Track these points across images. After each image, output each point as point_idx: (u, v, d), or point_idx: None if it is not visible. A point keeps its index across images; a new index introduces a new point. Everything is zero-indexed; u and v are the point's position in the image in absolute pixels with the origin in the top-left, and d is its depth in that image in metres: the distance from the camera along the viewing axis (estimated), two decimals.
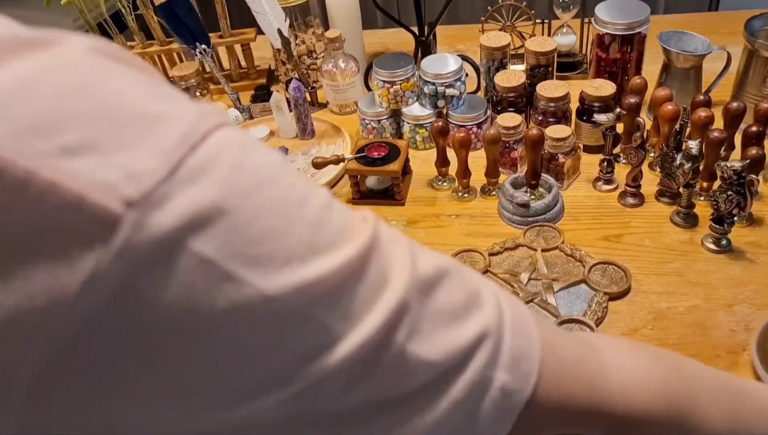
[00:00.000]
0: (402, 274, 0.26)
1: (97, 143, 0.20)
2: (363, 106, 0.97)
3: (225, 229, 0.21)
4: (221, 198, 0.22)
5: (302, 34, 1.10)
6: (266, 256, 0.22)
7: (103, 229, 0.19)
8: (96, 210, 0.19)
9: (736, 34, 0.89)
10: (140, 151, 0.21)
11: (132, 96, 0.22)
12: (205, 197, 0.21)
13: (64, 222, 0.19)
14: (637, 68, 0.95)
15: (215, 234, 0.21)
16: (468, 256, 0.76)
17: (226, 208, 0.22)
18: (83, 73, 0.22)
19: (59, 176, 0.19)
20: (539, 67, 0.93)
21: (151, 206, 0.20)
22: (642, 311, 0.68)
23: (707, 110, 0.76)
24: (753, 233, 0.75)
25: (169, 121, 0.22)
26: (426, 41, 1.05)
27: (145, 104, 0.22)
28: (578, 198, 0.84)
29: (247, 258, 0.22)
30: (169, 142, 0.21)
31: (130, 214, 0.20)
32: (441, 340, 0.26)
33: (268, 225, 0.23)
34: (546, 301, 0.70)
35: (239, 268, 0.22)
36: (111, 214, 0.19)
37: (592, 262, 0.73)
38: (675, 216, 0.78)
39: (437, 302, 0.27)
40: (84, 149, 0.20)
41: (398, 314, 0.25)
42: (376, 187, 0.89)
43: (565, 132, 0.82)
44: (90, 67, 0.22)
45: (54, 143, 0.19)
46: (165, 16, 1.03)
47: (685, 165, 0.73)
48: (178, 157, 0.21)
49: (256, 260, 0.22)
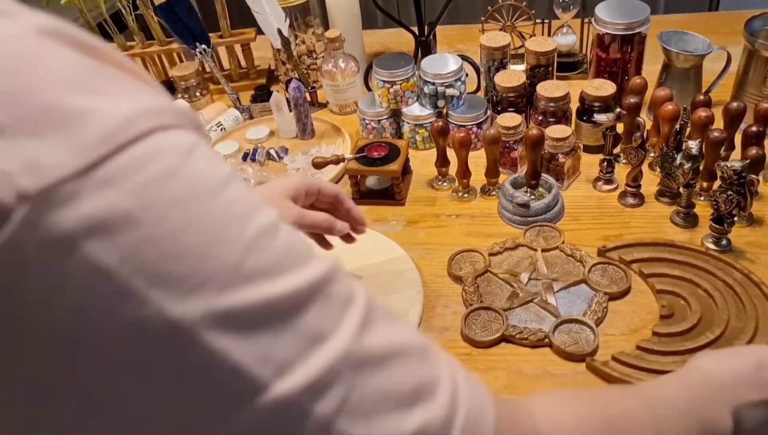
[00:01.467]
0: (343, 338, 0.23)
1: (6, 128, 0.19)
2: (363, 106, 0.97)
3: (133, 241, 0.19)
4: (138, 207, 0.20)
5: (302, 34, 1.10)
6: (178, 275, 0.20)
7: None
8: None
9: (736, 34, 0.89)
10: (51, 142, 0.19)
11: (62, 84, 0.20)
12: (118, 204, 0.19)
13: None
14: (637, 68, 0.95)
15: (120, 244, 0.19)
16: (468, 256, 0.76)
17: (140, 218, 0.20)
18: (17, 52, 0.20)
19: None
20: (539, 67, 0.93)
21: (50, 203, 0.18)
22: (642, 311, 0.68)
23: (707, 110, 0.76)
24: (753, 233, 0.75)
25: (98, 116, 0.20)
26: (426, 41, 1.05)
27: (75, 94, 0.20)
28: (578, 198, 0.84)
29: (154, 275, 0.20)
30: (90, 138, 0.20)
31: (21, 208, 0.18)
32: (378, 425, 0.24)
33: (189, 243, 0.20)
34: (546, 301, 0.70)
35: (142, 284, 0.20)
36: (2, 205, 0.18)
37: (592, 262, 0.73)
38: (675, 216, 0.78)
39: (378, 383, 0.24)
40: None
41: (330, 378, 0.22)
42: (376, 187, 0.89)
43: (565, 132, 0.82)
44: (28, 47, 0.21)
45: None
46: (165, 16, 1.03)
47: (685, 165, 0.73)
48: (97, 156, 0.19)
49: (164, 279, 0.20)
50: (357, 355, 0.24)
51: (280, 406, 0.22)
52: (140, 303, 0.20)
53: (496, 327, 0.67)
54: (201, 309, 0.20)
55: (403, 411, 0.25)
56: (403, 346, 0.26)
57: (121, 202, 0.19)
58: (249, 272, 0.21)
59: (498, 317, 0.68)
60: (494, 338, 0.66)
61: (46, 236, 0.18)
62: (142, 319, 0.20)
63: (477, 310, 0.69)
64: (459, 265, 0.75)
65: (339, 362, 0.23)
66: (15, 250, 0.18)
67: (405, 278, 0.74)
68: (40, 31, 0.21)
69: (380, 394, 0.24)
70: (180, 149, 0.21)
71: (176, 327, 0.20)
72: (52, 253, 0.19)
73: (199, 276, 0.20)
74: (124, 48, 1.13)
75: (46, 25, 0.22)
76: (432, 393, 0.26)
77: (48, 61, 0.21)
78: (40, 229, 0.18)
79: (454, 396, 0.27)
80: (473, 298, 0.71)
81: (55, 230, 0.19)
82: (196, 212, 0.21)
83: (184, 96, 1.08)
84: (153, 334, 0.20)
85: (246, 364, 0.21)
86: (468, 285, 0.72)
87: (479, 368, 0.64)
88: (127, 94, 0.22)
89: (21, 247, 0.18)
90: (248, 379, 0.21)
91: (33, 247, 0.18)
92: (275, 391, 0.21)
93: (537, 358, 0.65)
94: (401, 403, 0.25)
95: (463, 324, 0.68)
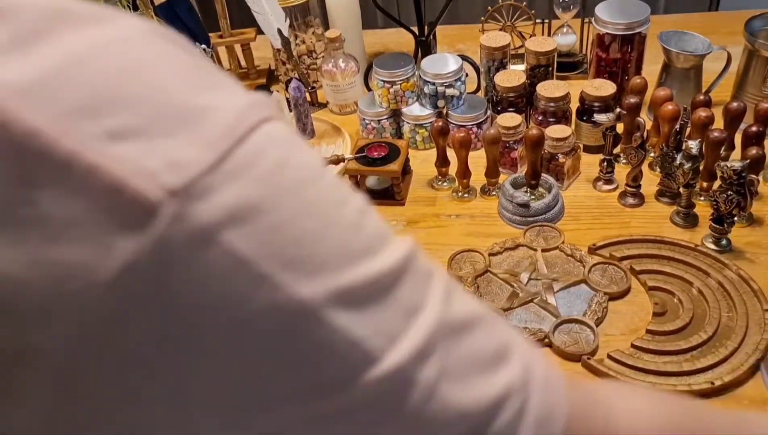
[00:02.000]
0: (434, 308, 0.25)
1: (142, 129, 0.20)
2: (363, 106, 0.97)
3: (264, 229, 0.21)
4: (263, 196, 0.21)
5: (302, 33, 1.10)
6: (302, 258, 0.21)
7: (141, 216, 0.19)
8: (136, 196, 0.19)
9: (736, 34, 0.89)
10: (184, 140, 0.20)
11: (181, 82, 0.22)
12: (247, 193, 0.20)
13: (103, 207, 0.19)
14: (637, 68, 0.95)
15: (253, 233, 0.20)
16: (468, 256, 0.76)
17: (266, 206, 0.21)
18: (135, 55, 0.21)
19: (102, 160, 0.19)
20: (539, 67, 0.93)
21: (192, 197, 0.19)
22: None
23: (707, 110, 0.76)
24: (753, 233, 0.75)
25: (216, 111, 0.21)
26: (426, 41, 1.05)
27: (194, 92, 0.21)
28: (578, 198, 0.84)
29: (283, 260, 0.21)
30: (214, 133, 0.21)
31: (169, 203, 0.19)
32: (471, 388, 0.25)
33: (307, 227, 0.22)
34: (546, 301, 0.70)
35: (275, 270, 0.21)
36: (150, 201, 0.19)
37: (592, 262, 0.73)
38: (675, 216, 0.78)
39: (467, 348, 0.26)
40: (129, 134, 0.19)
41: (430, 346, 0.24)
42: (376, 187, 0.89)
43: (565, 132, 0.82)
44: (142, 49, 0.22)
45: (100, 126, 0.19)
46: (165, 16, 1.03)
47: (685, 165, 0.73)
48: (223, 150, 0.20)
49: (291, 263, 0.21)
50: (447, 323, 0.25)
51: (392, 376, 0.23)
52: (273, 288, 0.21)
53: None
54: (324, 288, 0.21)
55: (489, 372, 0.26)
56: (479, 313, 0.27)
57: (248, 193, 0.20)
58: (357, 251, 0.23)
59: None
60: None
61: (191, 230, 0.19)
62: (274, 302, 0.21)
63: None
64: (459, 265, 0.75)
65: (435, 330, 0.24)
66: (165, 245, 0.19)
67: None
68: (146, 33, 0.22)
69: (470, 358, 0.26)
70: (281, 138, 0.23)
71: (305, 308, 0.21)
72: (196, 246, 0.19)
73: (319, 257, 0.22)
74: None
75: (147, 27, 0.22)
76: (509, 354, 0.27)
77: (165, 61, 0.22)
78: (185, 223, 0.19)
79: (527, 357, 0.28)
80: None
81: (198, 223, 0.19)
82: (308, 197, 0.22)
83: None
84: (283, 316, 0.21)
85: (362, 338, 0.22)
86: (468, 285, 0.72)
87: None
88: (230, 89, 0.23)
89: (170, 242, 0.19)
90: (365, 351, 0.22)
91: (180, 242, 0.19)
92: (387, 361, 0.23)
93: None
94: (487, 365, 0.26)
95: None
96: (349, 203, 0.24)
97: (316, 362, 0.22)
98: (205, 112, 0.21)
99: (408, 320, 0.24)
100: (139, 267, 0.19)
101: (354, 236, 0.23)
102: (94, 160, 0.19)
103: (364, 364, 0.22)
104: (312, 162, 0.23)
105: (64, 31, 0.20)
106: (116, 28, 0.21)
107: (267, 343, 0.21)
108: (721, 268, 0.70)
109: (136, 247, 0.19)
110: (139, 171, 0.19)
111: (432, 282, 0.26)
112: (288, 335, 0.21)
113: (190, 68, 0.22)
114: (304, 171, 0.23)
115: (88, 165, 0.19)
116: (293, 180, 0.22)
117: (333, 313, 0.22)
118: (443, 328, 0.25)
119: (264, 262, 0.20)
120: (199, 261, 0.20)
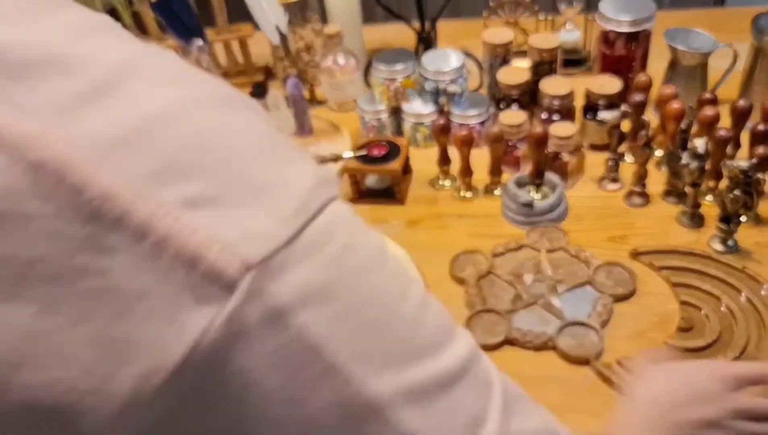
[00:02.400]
0: (494, 424, 0.23)
1: (217, 197, 0.18)
2: (363, 104, 0.95)
3: (335, 314, 0.19)
4: (333, 279, 0.20)
5: (301, 29, 1.08)
6: (372, 351, 0.20)
7: (219, 291, 0.17)
8: (213, 269, 0.17)
9: (742, 31, 0.88)
10: (257, 213, 0.19)
11: (255, 154, 0.20)
12: (318, 275, 0.19)
13: (178, 279, 0.17)
14: (642, 65, 0.94)
15: (325, 317, 0.19)
16: (470, 257, 0.75)
17: (336, 291, 0.20)
18: (211, 121, 0.20)
19: (178, 228, 0.17)
20: (543, 63, 0.91)
21: (269, 273, 0.18)
22: (647, 313, 0.67)
23: (713, 108, 0.75)
24: (760, 233, 0.74)
25: (290, 186, 0.20)
26: (427, 37, 1.04)
27: (268, 163, 0.20)
28: (583, 198, 0.82)
29: (355, 351, 0.20)
30: (287, 208, 0.19)
31: (247, 277, 0.18)
32: None
33: (374, 316, 0.21)
34: (550, 303, 0.69)
35: (346, 360, 0.19)
36: (229, 275, 0.17)
37: (597, 263, 0.72)
38: (681, 216, 0.77)
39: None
40: (205, 202, 0.18)
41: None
42: (376, 186, 0.88)
43: (570, 130, 0.81)
44: (217, 114, 0.20)
45: (176, 192, 0.18)
46: (160, 11, 1.01)
47: (691, 164, 0.72)
48: (298, 226, 0.19)
49: (363, 355, 0.20)
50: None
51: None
52: (344, 380, 0.19)
53: (499, 330, 0.66)
54: (393, 385, 0.20)
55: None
56: (536, 429, 0.26)
57: (319, 274, 0.19)
58: (420, 347, 0.22)
59: (501, 320, 0.67)
60: (498, 341, 0.65)
61: (267, 307, 0.18)
62: (343, 397, 0.19)
63: (480, 313, 0.68)
64: (461, 267, 0.74)
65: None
66: (238, 322, 0.18)
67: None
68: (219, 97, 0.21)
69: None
70: (347, 218, 0.22)
71: (372, 405, 0.20)
72: (271, 326, 0.18)
73: (387, 350, 0.20)
74: None
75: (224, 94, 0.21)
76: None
77: (239, 130, 0.21)
78: (261, 299, 0.18)
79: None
80: (476, 301, 0.69)
81: (273, 301, 0.18)
82: (373, 285, 0.21)
83: None
84: (351, 412, 0.20)
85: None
86: (471, 287, 0.71)
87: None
88: (302, 163, 0.22)
89: (244, 318, 0.18)
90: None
91: (255, 319, 0.18)
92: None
93: (542, 362, 0.64)
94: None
95: (466, 327, 0.66)
96: (410, 294, 0.23)
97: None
98: (279, 185, 0.20)
99: (470, 431, 0.22)
100: (209, 344, 0.17)
101: (416, 331, 0.22)
102: (170, 228, 0.17)
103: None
104: (375, 246, 0.22)
105: (135, 85, 0.19)
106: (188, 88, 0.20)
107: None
108: (758, 290, 0.67)
109: (209, 323, 0.17)
110: (216, 242, 0.18)
111: (492, 392, 0.24)
112: (352, 430, 0.20)
113: (264, 138, 0.21)
114: (369, 256, 0.22)
115: (164, 234, 0.17)
116: (359, 265, 0.21)
117: (399, 412, 0.20)
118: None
119: (336, 351, 0.19)
120: (271, 342, 0.18)
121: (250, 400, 0.18)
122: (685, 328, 0.65)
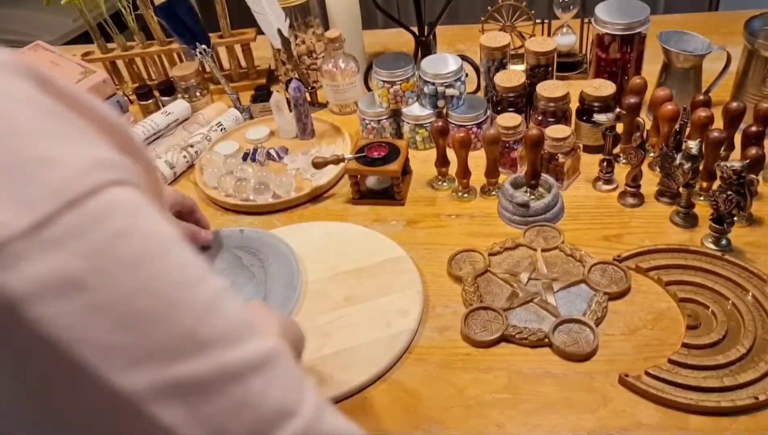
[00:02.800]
0: (305, 416, 0.22)
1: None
2: (363, 106, 0.97)
3: (84, 308, 0.18)
4: (89, 269, 0.18)
5: (302, 34, 1.10)
6: (131, 344, 0.19)
7: None
8: None
9: (736, 34, 0.89)
10: (3, 195, 0.17)
11: (29, 126, 0.18)
12: (68, 266, 0.18)
13: None
14: (636, 68, 0.95)
15: (69, 311, 0.18)
16: (468, 256, 0.76)
17: (92, 282, 0.18)
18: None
19: None
20: (539, 67, 0.93)
21: (1, 263, 0.17)
22: (642, 311, 0.68)
23: (707, 110, 0.76)
24: (753, 233, 0.75)
25: (56, 165, 0.18)
26: (426, 41, 1.05)
27: (43, 139, 0.18)
28: (578, 198, 0.84)
29: (100, 345, 0.18)
30: (40, 192, 0.18)
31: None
32: None
33: (143, 308, 0.19)
34: (546, 301, 0.70)
35: (89, 355, 0.18)
36: None
37: (591, 262, 0.73)
38: (675, 216, 0.78)
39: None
40: None
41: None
42: (376, 187, 0.89)
43: (565, 132, 0.82)
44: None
45: None
46: (165, 16, 1.03)
47: (684, 165, 0.73)
48: (45, 214, 0.18)
49: (114, 349, 0.18)
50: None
51: None
52: (88, 375, 0.18)
53: (496, 327, 0.67)
54: (149, 380, 0.19)
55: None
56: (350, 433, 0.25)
57: (69, 265, 0.18)
58: (206, 338, 0.20)
59: (498, 317, 0.68)
60: (494, 338, 0.66)
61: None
62: (88, 391, 0.18)
63: (477, 310, 0.69)
64: (459, 265, 0.75)
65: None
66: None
67: (405, 278, 0.74)
68: (4, 67, 0.20)
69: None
70: (131, 207, 0.20)
71: (125, 400, 0.19)
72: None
73: (153, 343, 0.19)
74: (124, 48, 1.13)
75: (8, 60, 0.20)
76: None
77: (17, 101, 0.19)
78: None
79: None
80: (473, 298, 0.71)
81: (2, 292, 0.17)
82: (150, 274, 0.20)
83: (184, 96, 1.08)
84: (100, 406, 0.19)
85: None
86: (468, 285, 0.72)
87: (479, 368, 0.64)
88: (80, 142, 0.20)
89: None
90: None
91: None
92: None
93: (537, 358, 0.65)
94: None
95: (463, 324, 0.68)
96: (204, 284, 0.21)
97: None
98: (43, 164, 0.18)
99: (274, 423, 0.21)
100: None
101: (206, 321, 0.20)
102: None
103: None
104: (163, 234, 0.21)
105: None
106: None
107: (80, 428, 0.19)
108: (748, 277, 0.68)
109: None
110: None
111: (305, 386, 0.23)
112: (101, 424, 0.19)
113: (42, 112, 0.19)
114: (150, 245, 0.20)
115: None
116: (133, 254, 0.19)
117: (159, 407, 0.19)
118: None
119: (75, 346, 0.18)
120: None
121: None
122: (693, 325, 0.65)
